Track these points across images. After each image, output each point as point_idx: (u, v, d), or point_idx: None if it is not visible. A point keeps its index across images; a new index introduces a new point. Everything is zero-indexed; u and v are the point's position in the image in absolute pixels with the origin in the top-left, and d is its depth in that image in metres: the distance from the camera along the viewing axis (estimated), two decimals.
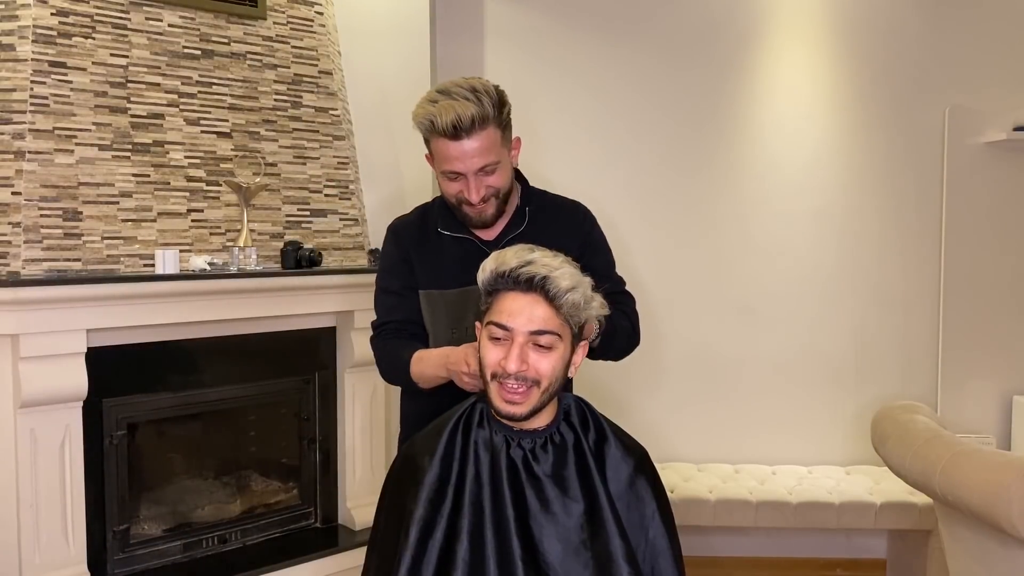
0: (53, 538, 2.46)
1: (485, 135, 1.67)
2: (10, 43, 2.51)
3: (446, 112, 1.64)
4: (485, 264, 1.44)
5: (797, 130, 3.61)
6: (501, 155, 1.72)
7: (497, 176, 1.73)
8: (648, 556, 1.46)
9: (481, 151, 1.67)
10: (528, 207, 1.83)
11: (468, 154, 1.67)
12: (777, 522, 3.20)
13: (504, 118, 1.71)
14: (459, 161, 1.68)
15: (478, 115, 1.64)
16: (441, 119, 1.64)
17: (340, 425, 3.14)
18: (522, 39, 3.67)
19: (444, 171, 1.72)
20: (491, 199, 1.74)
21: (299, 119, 3.09)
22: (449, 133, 1.65)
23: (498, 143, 1.70)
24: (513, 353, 1.39)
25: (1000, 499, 1.86)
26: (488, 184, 1.72)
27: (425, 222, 1.87)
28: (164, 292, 2.57)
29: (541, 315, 1.39)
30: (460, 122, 1.63)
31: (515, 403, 1.41)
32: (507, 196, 1.78)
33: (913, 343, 3.61)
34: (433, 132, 1.67)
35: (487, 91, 1.68)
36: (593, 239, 1.88)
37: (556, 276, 1.38)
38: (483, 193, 1.72)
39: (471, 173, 1.69)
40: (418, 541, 1.41)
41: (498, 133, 1.70)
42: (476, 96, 1.65)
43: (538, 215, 1.83)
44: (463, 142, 1.66)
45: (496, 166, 1.71)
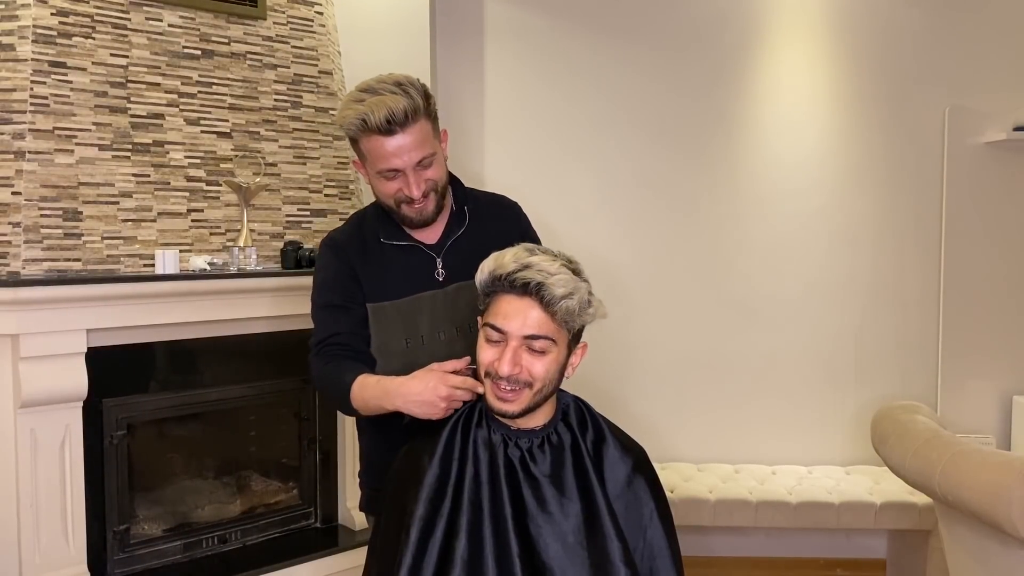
0: (53, 538, 2.46)
1: (418, 128, 1.63)
2: (10, 43, 2.51)
3: (378, 108, 1.59)
4: (484, 265, 1.44)
5: (797, 130, 3.61)
6: (435, 147, 1.68)
7: (434, 169, 1.68)
8: (646, 557, 1.46)
9: (417, 144, 1.63)
10: (466, 206, 1.80)
11: (405, 148, 1.62)
12: (777, 522, 3.20)
13: (432, 109, 1.67)
14: (396, 157, 1.63)
15: (409, 108, 1.60)
16: (374, 116, 1.59)
17: (340, 425, 3.14)
18: (522, 39, 3.67)
19: (380, 171, 1.66)
20: (431, 194, 1.69)
21: (299, 119, 3.09)
22: (383, 129, 1.60)
23: (431, 135, 1.66)
24: (506, 356, 1.39)
25: (1000, 499, 1.86)
26: (427, 178, 1.67)
27: (363, 233, 1.78)
28: (164, 292, 2.57)
29: (536, 320, 1.39)
30: (393, 116, 1.59)
31: (507, 401, 1.42)
32: (444, 191, 1.73)
33: (913, 343, 3.60)
34: (365, 131, 1.61)
35: (412, 83, 1.65)
36: (529, 235, 1.85)
37: (551, 283, 1.38)
38: (423, 188, 1.67)
39: (410, 168, 1.64)
40: (418, 540, 1.41)
41: (429, 125, 1.66)
42: (403, 89, 1.62)
43: (477, 213, 1.80)
44: (398, 137, 1.61)
45: (432, 158, 1.67)
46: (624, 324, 3.49)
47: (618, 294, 3.39)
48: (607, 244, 3.55)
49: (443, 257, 1.75)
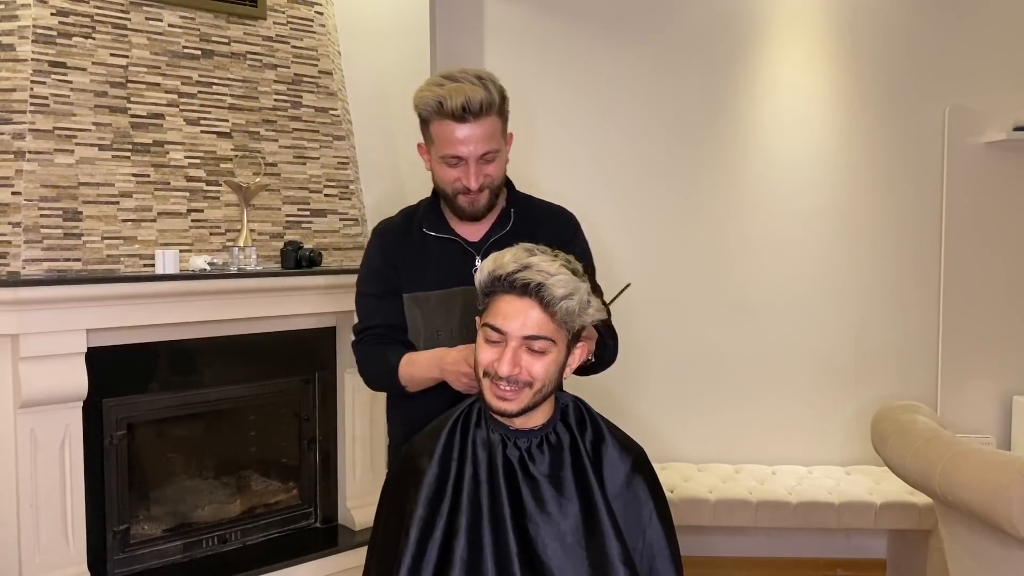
0: (53, 538, 2.46)
1: (490, 122, 1.68)
2: (10, 43, 2.51)
3: (456, 94, 1.65)
4: (484, 265, 1.44)
5: (797, 130, 3.61)
6: (501, 145, 1.73)
7: (495, 166, 1.73)
8: (646, 556, 1.46)
9: (485, 136, 1.68)
10: (514, 208, 1.83)
11: (472, 138, 1.67)
12: (777, 522, 3.20)
13: (505, 110, 1.73)
14: (463, 145, 1.68)
15: (485, 100, 1.66)
16: (451, 101, 1.65)
17: (340, 425, 3.14)
18: (522, 39, 3.67)
19: (445, 156, 1.72)
20: (486, 190, 1.74)
21: (299, 119, 3.09)
22: (457, 115, 1.65)
23: (499, 132, 1.72)
24: (506, 357, 1.39)
25: (1000, 499, 1.86)
26: (487, 173, 1.72)
27: (410, 224, 1.87)
28: (164, 292, 2.57)
29: (535, 320, 1.39)
30: (469, 104, 1.64)
31: (507, 400, 1.41)
32: (499, 190, 1.78)
33: (913, 343, 3.61)
34: (440, 114, 1.67)
35: (492, 80, 1.70)
36: (575, 246, 1.84)
37: (551, 283, 1.38)
38: (482, 181, 1.71)
39: (473, 159, 1.69)
40: (418, 541, 1.41)
41: (499, 123, 1.71)
42: (483, 83, 1.67)
43: (523, 218, 1.83)
44: (469, 126, 1.66)
45: (496, 155, 1.72)
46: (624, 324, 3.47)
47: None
48: (607, 243, 3.55)
49: (482, 255, 1.77)
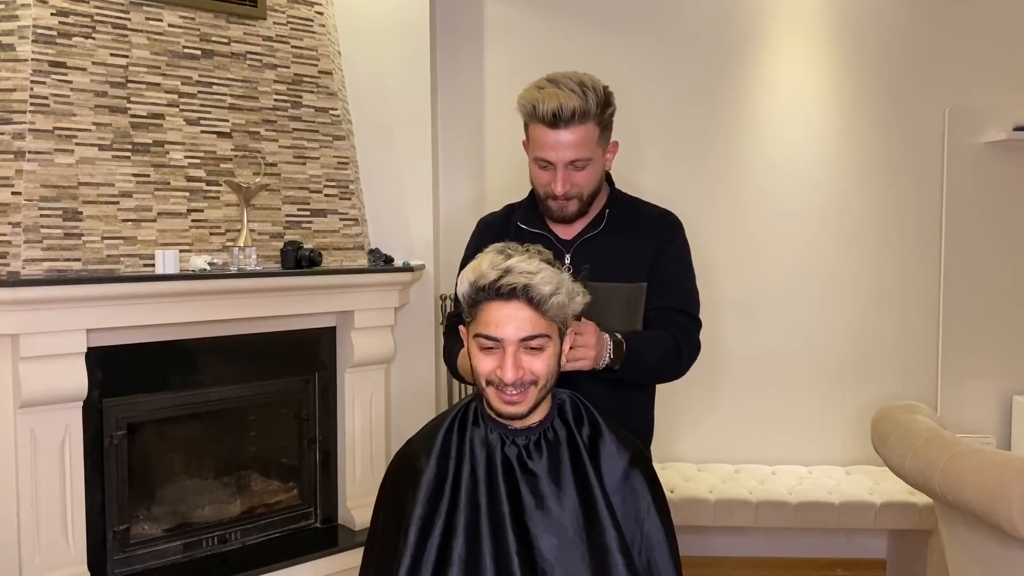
0: (53, 538, 2.46)
1: (583, 129, 1.67)
2: (10, 43, 2.51)
3: (549, 99, 1.65)
4: (463, 278, 1.42)
5: (797, 130, 3.61)
6: (594, 153, 1.71)
7: (586, 174, 1.72)
8: (644, 549, 1.46)
9: (575, 144, 1.67)
10: (609, 210, 1.82)
11: (562, 145, 1.67)
12: (777, 522, 3.20)
13: (606, 118, 1.71)
14: (552, 150, 1.69)
15: (580, 108, 1.65)
16: (543, 105, 1.65)
17: (340, 425, 3.14)
18: (522, 39, 3.67)
19: (536, 158, 1.73)
20: (574, 199, 1.73)
21: (299, 119, 3.09)
22: (548, 120, 1.66)
23: (594, 141, 1.70)
24: (507, 363, 1.38)
25: (1000, 499, 1.86)
26: (575, 181, 1.71)
27: (510, 218, 1.89)
28: (164, 292, 2.57)
29: (528, 320, 1.39)
30: (561, 111, 1.64)
31: (515, 403, 1.41)
32: (592, 198, 1.77)
33: (913, 343, 3.61)
34: (533, 117, 1.69)
35: (595, 88, 1.68)
36: (669, 251, 1.82)
37: (536, 282, 1.37)
38: (568, 188, 1.71)
39: (561, 164, 1.69)
40: (417, 541, 1.41)
41: (596, 131, 1.69)
42: (582, 90, 1.66)
43: (617, 219, 1.81)
44: (560, 132, 1.66)
45: (587, 163, 1.70)
46: None
47: None
48: None
49: (572, 253, 1.78)
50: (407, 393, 3.43)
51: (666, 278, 1.79)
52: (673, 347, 1.76)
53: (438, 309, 3.51)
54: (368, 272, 3.08)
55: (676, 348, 1.76)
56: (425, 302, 3.47)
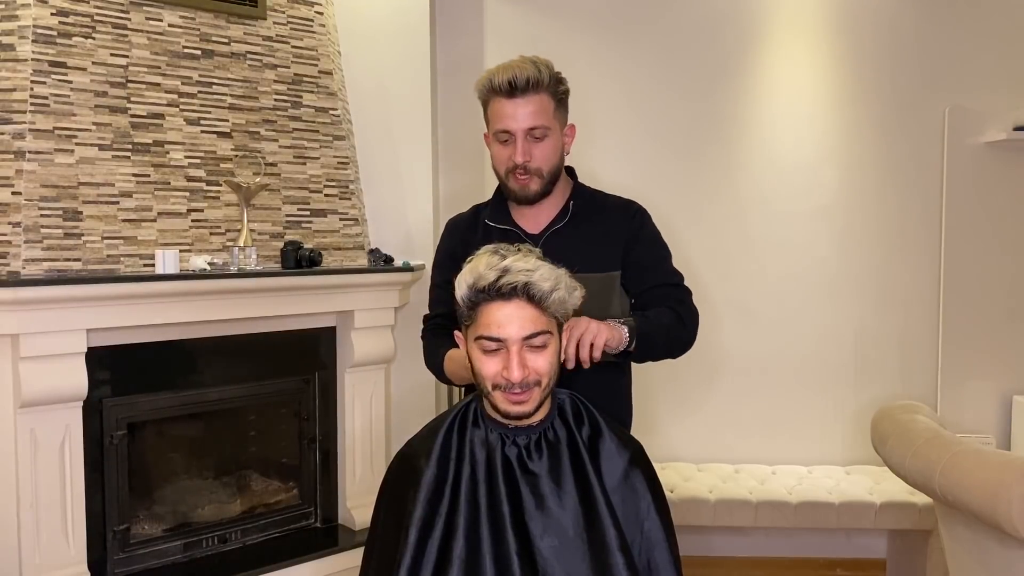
0: (53, 538, 2.46)
1: (538, 99, 1.75)
2: (10, 43, 2.51)
3: (504, 71, 1.75)
4: (460, 280, 1.42)
5: (797, 130, 3.62)
6: (552, 125, 1.78)
7: (544, 147, 1.78)
8: (644, 549, 1.46)
9: (532, 113, 1.75)
10: (574, 201, 1.87)
11: (520, 113, 1.75)
12: (777, 522, 3.20)
13: (559, 93, 1.79)
14: (511, 119, 1.75)
15: (533, 77, 1.74)
16: (498, 77, 1.75)
17: (340, 425, 3.14)
18: (522, 39, 3.67)
19: (496, 132, 1.79)
20: (534, 175, 1.79)
21: (299, 119, 3.09)
22: (504, 90, 1.74)
23: (550, 112, 1.77)
24: (513, 363, 1.38)
25: (1000, 499, 1.86)
26: (535, 153, 1.77)
27: (476, 217, 1.94)
28: (164, 292, 2.57)
29: (530, 319, 1.39)
30: (515, 80, 1.73)
31: (522, 402, 1.41)
32: (553, 177, 1.82)
33: (913, 343, 3.61)
34: (490, 91, 1.77)
35: (546, 64, 1.78)
36: (642, 236, 1.88)
37: (536, 280, 1.38)
38: (527, 159, 1.77)
39: (520, 133, 1.75)
40: (418, 541, 1.41)
41: (551, 103, 1.77)
42: (534, 64, 1.76)
43: (583, 211, 1.86)
44: (517, 100, 1.74)
45: (546, 132, 1.77)
46: None
47: None
48: None
49: (541, 246, 1.78)
50: (407, 393, 3.43)
51: (645, 264, 1.86)
52: (674, 318, 1.81)
53: None
54: (368, 272, 3.08)
55: (677, 317, 1.82)
56: (425, 302, 3.46)
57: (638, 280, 1.85)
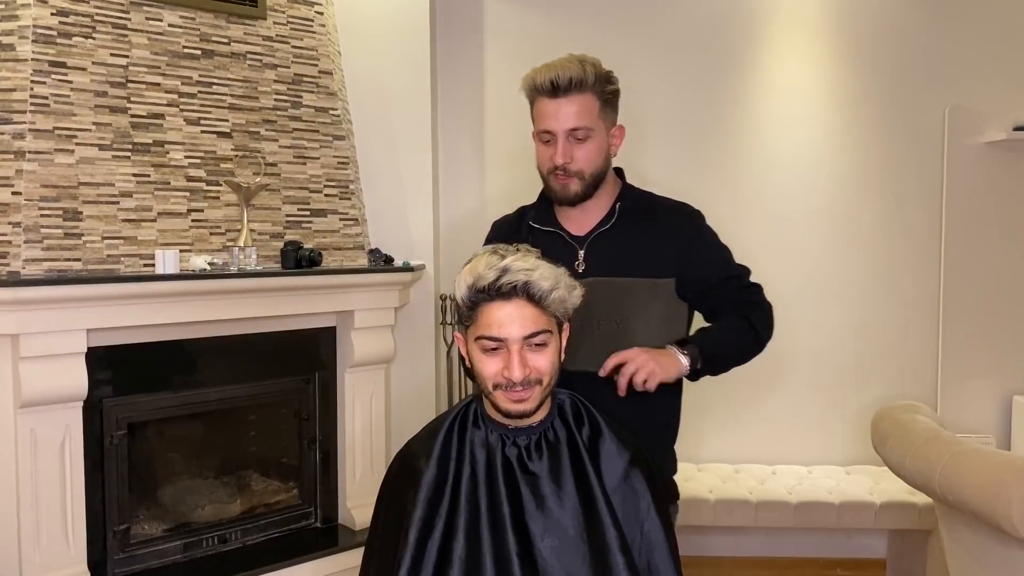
0: (53, 538, 2.46)
1: (581, 99, 1.70)
2: (10, 43, 2.51)
3: (547, 71, 1.71)
4: (460, 280, 1.41)
5: (797, 130, 3.61)
6: (596, 126, 1.73)
7: (587, 148, 1.73)
8: (644, 549, 1.46)
9: (574, 113, 1.70)
10: (621, 203, 1.81)
11: (562, 113, 1.70)
12: (777, 522, 3.20)
13: (605, 93, 1.74)
14: (552, 119, 1.71)
15: (577, 77, 1.69)
16: (541, 76, 1.71)
17: (340, 425, 3.14)
18: (522, 39, 3.67)
19: (539, 132, 1.75)
20: (575, 176, 1.74)
21: (299, 119, 3.09)
22: (546, 90, 1.70)
23: (594, 113, 1.72)
24: (514, 362, 1.38)
25: (1000, 499, 1.86)
26: (576, 155, 1.72)
27: (522, 219, 1.89)
28: (164, 292, 2.57)
29: (530, 318, 1.39)
30: (557, 80, 1.69)
31: (523, 400, 1.41)
32: (596, 179, 1.76)
33: (913, 343, 3.61)
34: (534, 91, 1.73)
35: (593, 64, 1.73)
36: (698, 244, 1.81)
37: (536, 278, 1.38)
38: (568, 160, 1.72)
39: (561, 133, 1.71)
40: (417, 542, 1.41)
41: (596, 103, 1.72)
42: (580, 64, 1.71)
43: (630, 214, 1.80)
44: (559, 100, 1.70)
45: (588, 134, 1.72)
46: None
47: None
48: None
49: (585, 249, 1.77)
50: (407, 393, 3.43)
51: (705, 268, 1.79)
52: (744, 329, 1.79)
53: (438, 309, 3.51)
54: (368, 272, 3.08)
55: (748, 327, 1.79)
56: (425, 302, 3.47)
57: (701, 284, 1.79)
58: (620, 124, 1.81)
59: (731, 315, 1.80)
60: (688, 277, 1.78)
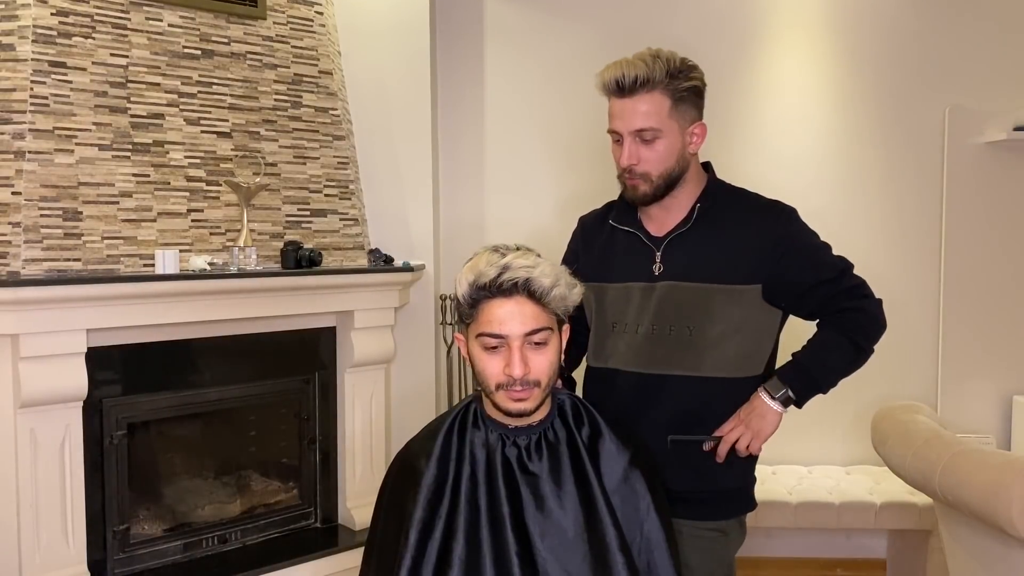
0: (53, 538, 2.46)
1: (648, 98, 1.64)
2: (10, 43, 2.51)
3: (613, 69, 1.65)
4: (461, 278, 1.42)
5: (797, 129, 3.61)
6: (665, 126, 1.66)
7: (655, 149, 1.66)
8: (644, 550, 1.46)
9: (641, 113, 1.64)
10: (701, 204, 1.72)
11: (627, 113, 1.65)
12: (777, 522, 3.20)
13: (679, 90, 1.67)
14: (618, 119, 1.67)
15: (643, 76, 1.63)
16: (606, 75, 1.66)
17: (340, 425, 3.14)
18: (522, 39, 3.67)
19: (609, 131, 1.71)
20: (642, 178, 1.67)
21: (299, 119, 3.09)
22: (612, 89, 1.66)
23: (663, 112, 1.65)
24: (515, 359, 1.39)
25: (1000, 499, 1.86)
26: (643, 156, 1.66)
27: (606, 215, 1.84)
28: (164, 292, 2.57)
29: (531, 315, 1.39)
30: (622, 80, 1.64)
31: (523, 399, 1.42)
32: (670, 180, 1.69)
33: (913, 343, 3.60)
34: (603, 90, 1.68)
35: (667, 59, 1.66)
36: (793, 243, 1.70)
37: (537, 275, 1.38)
38: (634, 162, 1.66)
39: (627, 135, 1.66)
40: (418, 543, 1.41)
41: (665, 102, 1.65)
42: (652, 59, 1.65)
43: (712, 213, 1.71)
44: (624, 100, 1.65)
45: (656, 134, 1.65)
46: None
47: None
48: None
49: (662, 251, 1.72)
50: (407, 393, 3.43)
51: (797, 275, 1.68)
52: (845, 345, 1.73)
53: (438, 309, 3.51)
54: (368, 272, 3.08)
55: (850, 343, 1.73)
56: (425, 302, 3.47)
57: (793, 289, 1.69)
58: (702, 122, 1.74)
59: (828, 329, 1.73)
60: (777, 282, 1.68)
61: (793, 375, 1.71)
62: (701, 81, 1.73)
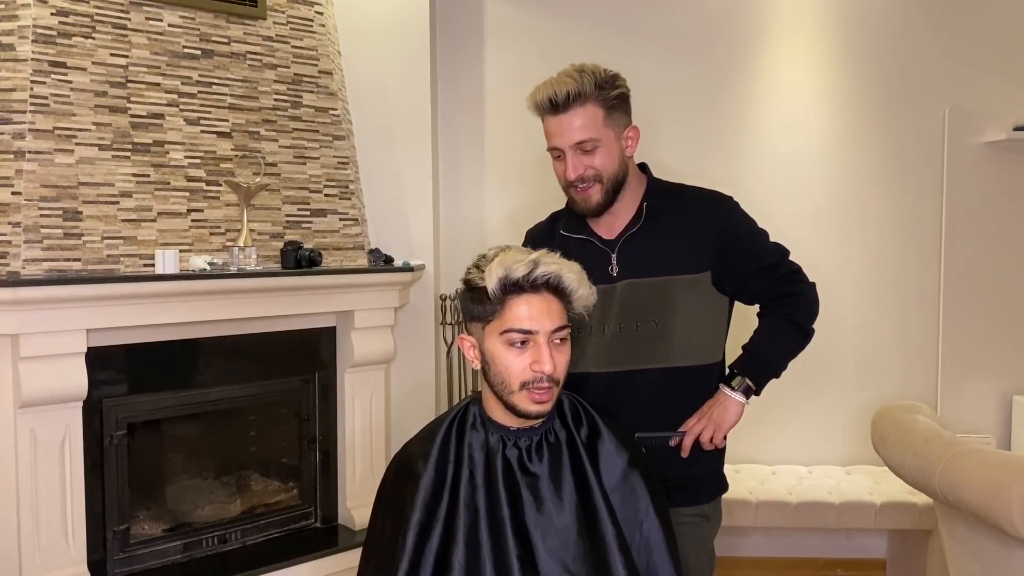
0: (53, 538, 2.46)
1: (583, 111, 1.68)
2: (10, 43, 2.51)
3: (544, 89, 1.70)
4: (490, 273, 1.40)
5: (797, 129, 3.61)
6: (602, 135, 1.70)
7: (598, 157, 1.70)
8: (643, 551, 1.46)
9: (577, 127, 1.68)
10: (647, 202, 1.78)
11: (564, 128, 1.69)
12: (777, 522, 3.20)
13: (609, 99, 1.70)
14: (557, 136, 1.71)
15: (574, 90, 1.67)
16: (539, 95, 1.70)
17: (340, 425, 3.14)
18: (522, 39, 3.67)
19: (549, 149, 1.74)
20: (594, 184, 1.72)
21: (299, 119, 3.09)
22: (546, 108, 1.70)
23: (598, 122, 1.70)
24: (544, 355, 1.39)
25: (1000, 499, 1.86)
26: (588, 164, 1.70)
27: (554, 226, 1.88)
28: (164, 292, 2.57)
29: (557, 312, 1.42)
30: (555, 97, 1.68)
31: (544, 401, 1.42)
32: (616, 184, 1.74)
33: (913, 343, 3.60)
34: (537, 110, 1.72)
35: (593, 72, 1.70)
36: (737, 230, 1.79)
37: (566, 273, 1.41)
38: (581, 171, 1.70)
39: (568, 149, 1.70)
40: (415, 545, 1.41)
41: (600, 112, 1.69)
42: (579, 74, 1.69)
43: (660, 210, 1.77)
44: (560, 116, 1.69)
45: (596, 144, 1.70)
46: None
47: None
48: None
49: (617, 252, 1.76)
50: (407, 393, 3.43)
51: (739, 261, 1.76)
52: (790, 329, 1.81)
53: (438, 309, 3.51)
54: (368, 272, 3.08)
55: (794, 326, 1.81)
56: (425, 302, 3.47)
57: (736, 275, 1.77)
58: (634, 125, 1.78)
59: (773, 316, 1.81)
60: (722, 269, 1.76)
61: (749, 365, 1.79)
62: (626, 88, 1.77)
